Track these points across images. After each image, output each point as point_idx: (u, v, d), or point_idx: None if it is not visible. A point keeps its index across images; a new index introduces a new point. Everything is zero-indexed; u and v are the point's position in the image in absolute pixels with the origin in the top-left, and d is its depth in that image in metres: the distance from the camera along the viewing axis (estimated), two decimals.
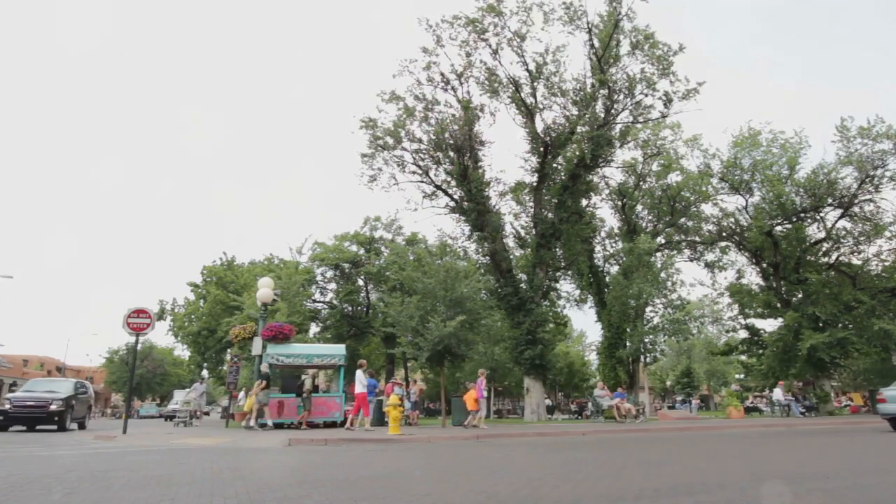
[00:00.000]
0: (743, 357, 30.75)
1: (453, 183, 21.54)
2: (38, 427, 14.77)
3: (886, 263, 24.94)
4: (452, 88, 21.21)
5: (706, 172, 26.64)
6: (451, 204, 21.93)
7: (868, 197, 24.31)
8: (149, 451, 8.58)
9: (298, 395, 15.77)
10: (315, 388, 18.37)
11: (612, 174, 26.64)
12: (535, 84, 20.91)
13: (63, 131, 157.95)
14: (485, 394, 16.43)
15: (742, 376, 37.10)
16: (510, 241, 24.52)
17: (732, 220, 27.78)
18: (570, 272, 27.77)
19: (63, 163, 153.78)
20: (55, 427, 14.54)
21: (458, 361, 17.41)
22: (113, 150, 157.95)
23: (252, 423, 14.26)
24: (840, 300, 23.84)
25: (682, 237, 28.71)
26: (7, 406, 14.16)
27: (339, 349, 18.07)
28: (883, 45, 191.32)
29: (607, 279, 27.58)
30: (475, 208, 20.69)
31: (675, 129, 26.93)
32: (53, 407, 14.25)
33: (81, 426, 16.59)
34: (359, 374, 13.92)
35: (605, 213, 40.80)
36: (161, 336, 68.13)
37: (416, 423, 17.80)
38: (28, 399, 14.47)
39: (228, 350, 27.85)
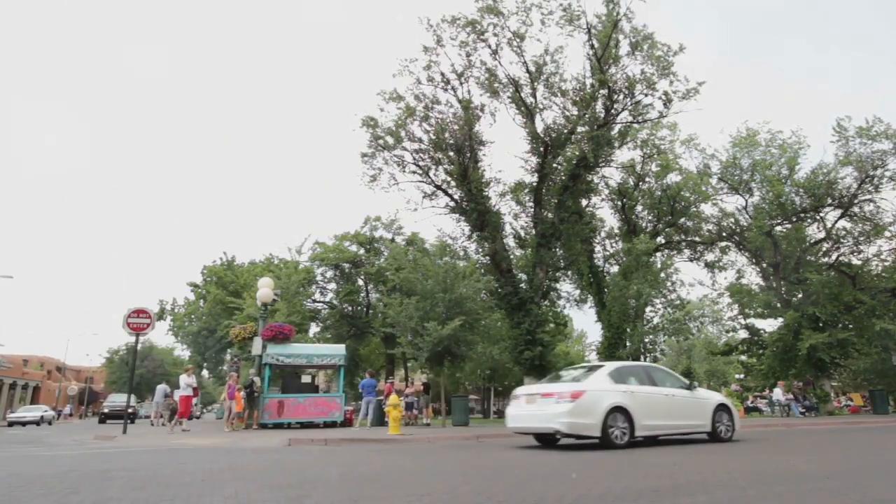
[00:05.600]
0: (743, 357, 30.70)
1: (453, 183, 21.50)
2: None
3: (886, 263, 24.89)
4: (452, 88, 21.17)
5: (705, 172, 26.62)
6: (451, 204, 21.89)
7: (868, 197, 24.30)
8: (149, 451, 8.59)
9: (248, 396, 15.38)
10: (315, 388, 18.41)
11: (612, 174, 26.60)
12: (535, 84, 20.88)
13: (63, 130, 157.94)
14: None
15: (742, 376, 37.03)
16: (510, 241, 24.47)
17: (732, 220, 27.76)
18: (570, 272, 27.70)
19: (63, 162, 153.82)
20: None
21: (458, 362, 17.42)
22: (113, 149, 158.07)
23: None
24: (840, 300, 23.80)
25: (682, 237, 28.69)
26: None
27: (339, 349, 18.11)
28: (879, 46, 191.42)
29: (607, 279, 27.56)
30: (475, 208, 20.67)
31: (673, 129, 26.92)
32: None
33: None
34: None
35: (605, 213, 40.67)
36: (161, 336, 68.37)
37: (416, 424, 17.83)
38: None
39: (228, 350, 27.86)
